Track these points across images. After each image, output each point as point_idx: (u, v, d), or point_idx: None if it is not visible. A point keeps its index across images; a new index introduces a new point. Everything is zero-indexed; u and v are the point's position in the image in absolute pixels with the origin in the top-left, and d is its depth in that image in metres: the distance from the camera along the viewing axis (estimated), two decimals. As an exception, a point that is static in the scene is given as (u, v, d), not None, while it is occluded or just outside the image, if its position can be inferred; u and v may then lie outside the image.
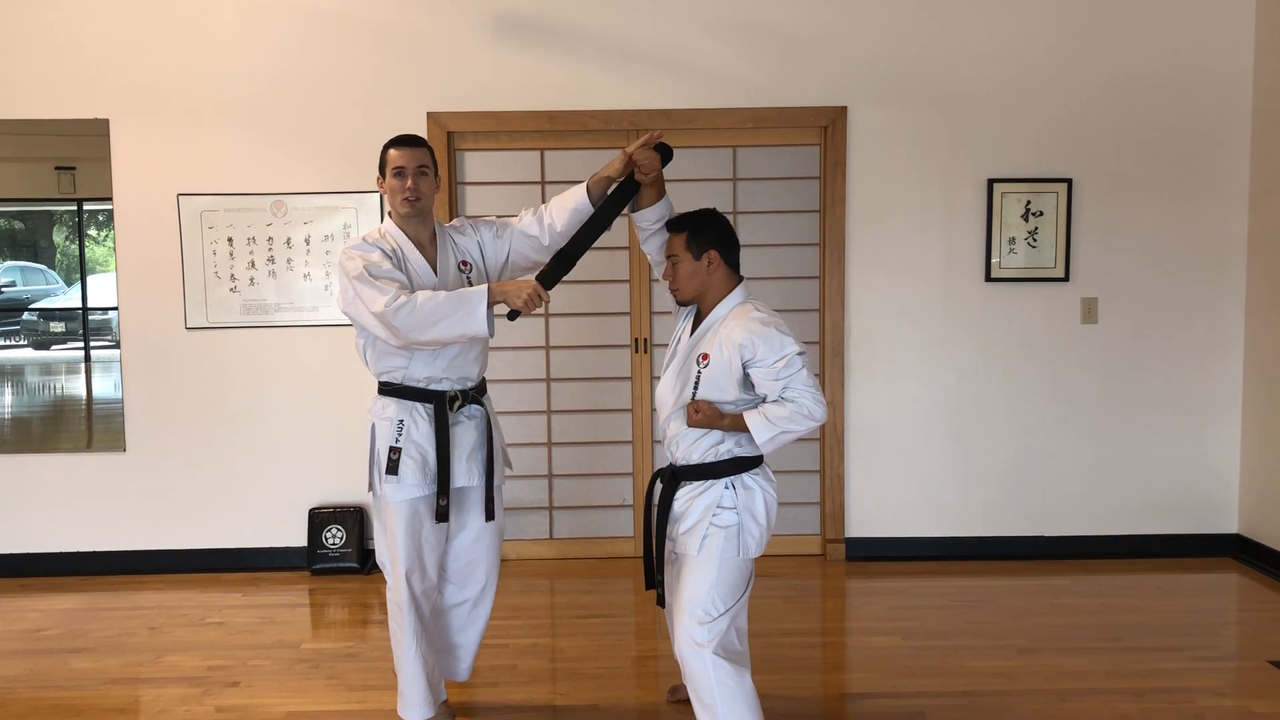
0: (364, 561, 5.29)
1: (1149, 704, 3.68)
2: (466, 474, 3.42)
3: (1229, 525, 5.46)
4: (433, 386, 3.36)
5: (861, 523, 5.44)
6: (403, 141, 3.36)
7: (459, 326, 3.14)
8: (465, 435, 3.42)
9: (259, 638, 4.44)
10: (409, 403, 3.35)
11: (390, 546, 3.38)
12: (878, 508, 5.43)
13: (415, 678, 3.42)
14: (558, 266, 3.34)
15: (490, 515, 3.50)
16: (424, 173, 3.34)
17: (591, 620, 4.62)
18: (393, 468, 3.30)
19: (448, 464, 3.34)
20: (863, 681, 3.95)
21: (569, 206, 3.44)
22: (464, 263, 3.45)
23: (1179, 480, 5.44)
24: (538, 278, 3.30)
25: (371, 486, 3.41)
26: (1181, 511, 5.46)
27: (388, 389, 3.38)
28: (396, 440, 3.31)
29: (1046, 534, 5.45)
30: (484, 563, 3.57)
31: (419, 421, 3.34)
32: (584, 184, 3.44)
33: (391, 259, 3.27)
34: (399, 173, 3.31)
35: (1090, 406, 5.40)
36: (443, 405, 3.35)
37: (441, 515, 3.36)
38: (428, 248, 3.39)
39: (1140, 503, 5.45)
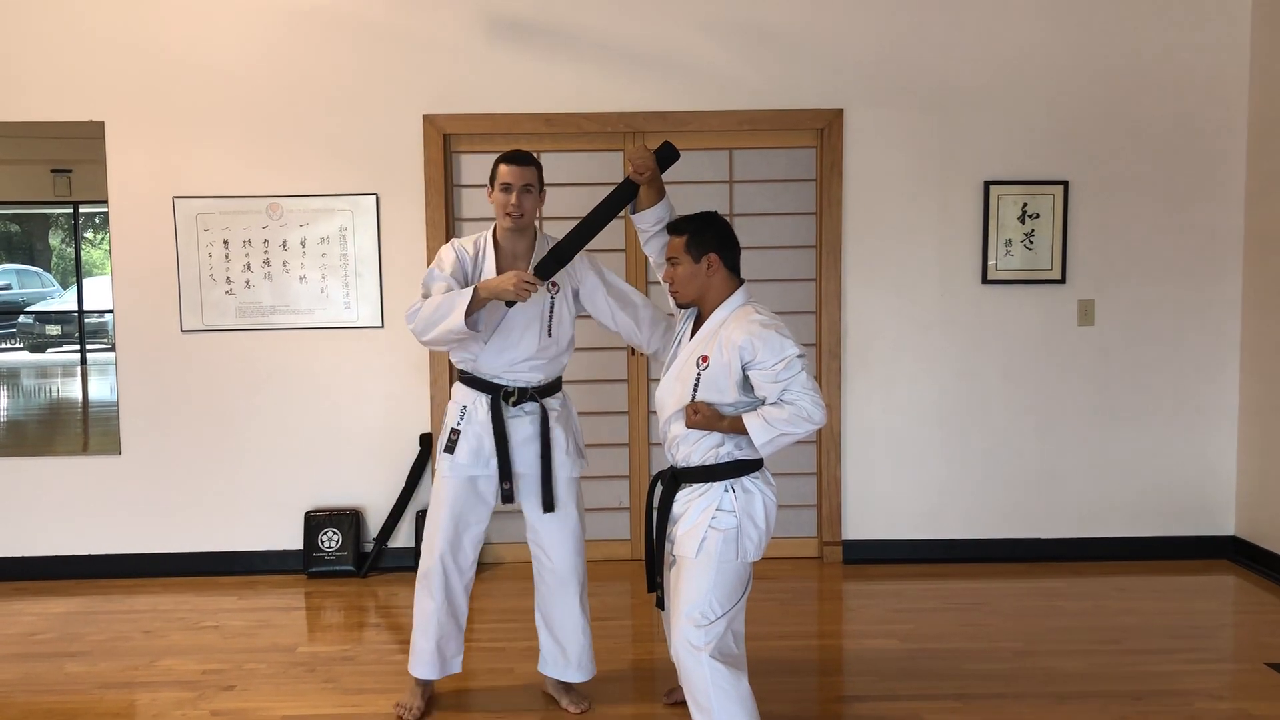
0: (360, 564, 5.28)
1: (1146, 706, 3.68)
2: (518, 462, 3.63)
3: (1225, 527, 5.47)
4: (495, 380, 3.61)
5: (858, 525, 5.43)
6: (513, 159, 3.55)
7: (448, 325, 3.38)
8: (520, 428, 3.62)
9: (254, 641, 4.43)
10: (475, 392, 3.63)
11: (434, 516, 3.63)
12: (874, 510, 5.43)
13: (426, 638, 3.64)
14: (550, 263, 3.47)
15: (548, 506, 3.64)
16: (529, 190, 3.53)
17: (588, 623, 4.60)
18: (450, 446, 3.59)
19: (507, 450, 3.58)
20: (859, 684, 3.94)
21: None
22: (553, 283, 3.62)
23: (1175, 482, 5.44)
24: (533, 270, 3.45)
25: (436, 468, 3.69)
26: (1178, 514, 5.46)
27: (463, 377, 3.68)
28: (458, 423, 3.60)
29: (1043, 536, 5.44)
30: (554, 550, 3.68)
31: (479, 409, 3.60)
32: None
33: (463, 262, 3.55)
34: (506, 188, 3.52)
35: (1087, 408, 5.41)
36: (497, 398, 3.58)
37: (506, 497, 3.62)
38: (517, 260, 3.61)
39: (1137, 505, 5.45)
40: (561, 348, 3.70)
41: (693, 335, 3.24)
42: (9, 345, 6.16)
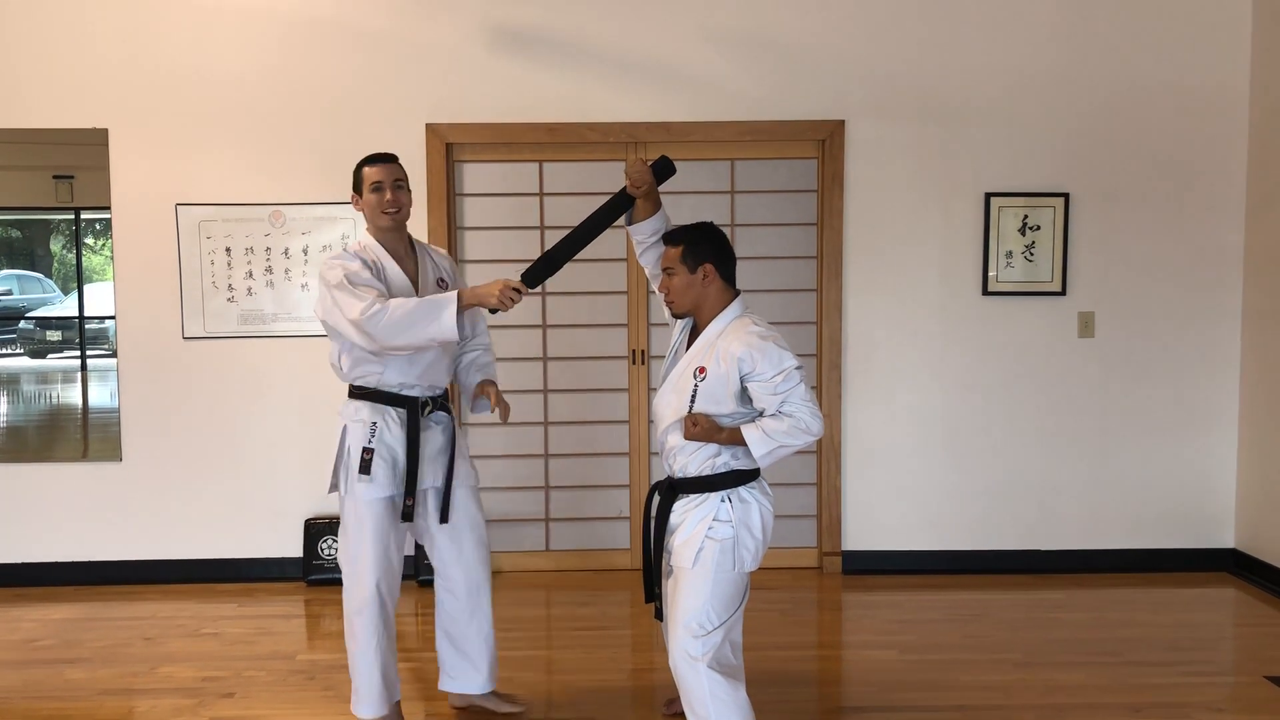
0: (360, 572, 5.28)
1: (1145, 719, 3.68)
2: (430, 475, 3.55)
3: (1225, 540, 5.46)
4: (405, 392, 3.50)
5: (858, 536, 5.43)
6: (377, 159, 3.51)
7: (429, 331, 3.27)
8: (431, 440, 3.55)
9: (254, 649, 4.43)
10: (382, 406, 3.48)
11: (357, 544, 3.46)
12: (874, 521, 5.43)
13: (370, 673, 3.49)
14: (541, 268, 3.45)
15: (443, 518, 3.55)
16: (400, 186, 3.49)
17: (587, 632, 4.61)
18: (365, 468, 3.43)
19: (416, 466, 3.47)
20: (858, 695, 3.94)
21: (480, 364, 3.73)
22: (441, 279, 3.63)
23: (1176, 494, 5.44)
24: (522, 276, 3.41)
25: (335, 487, 3.54)
26: (1178, 526, 5.45)
27: (361, 392, 3.51)
28: (369, 441, 3.44)
29: (1043, 548, 5.44)
30: (461, 564, 3.62)
31: (391, 424, 3.47)
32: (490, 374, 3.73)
33: (371, 270, 3.41)
34: (377, 188, 3.46)
35: (1087, 420, 5.41)
36: (415, 410, 3.49)
37: (407, 515, 3.48)
38: (405, 259, 3.55)
39: (1137, 517, 5.44)
40: (453, 346, 3.63)
41: (689, 346, 3.25)
42: (9, 351, 6.15)
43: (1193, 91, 5.31)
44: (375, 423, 3.46)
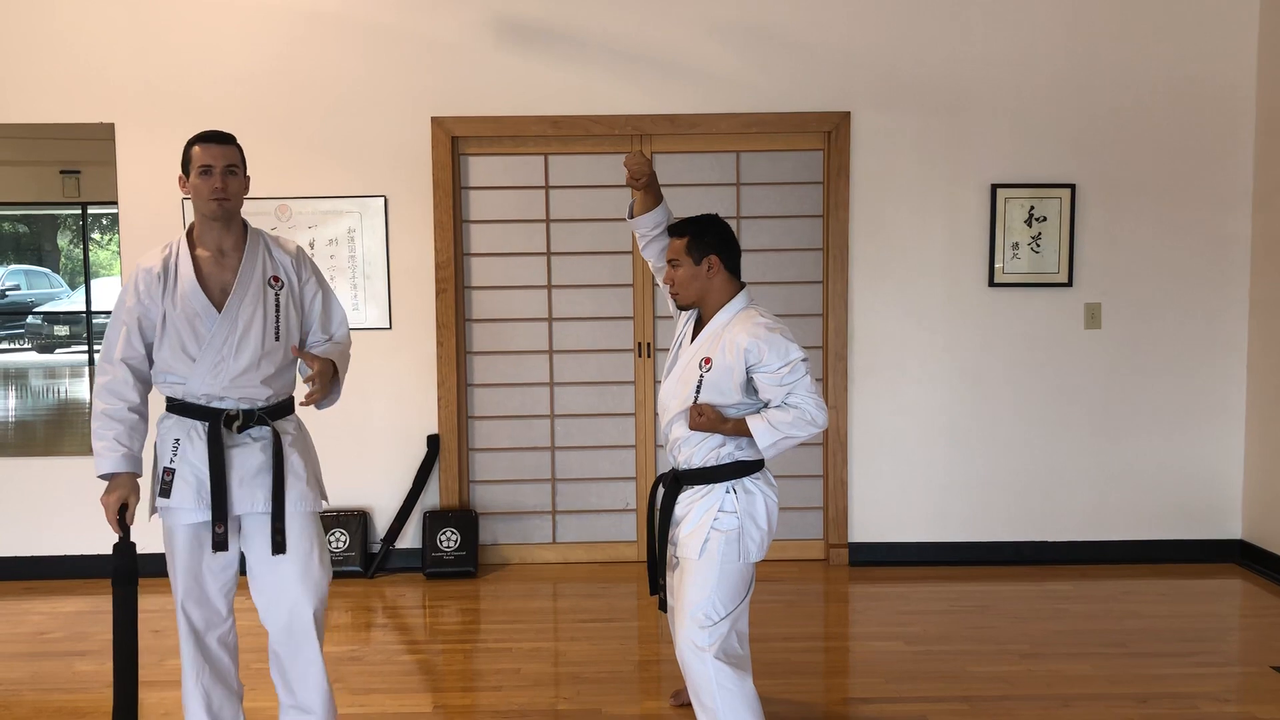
0: (368, 565, 5.30)
1: (1152, 710, 3.68)
2: (248, 500, 3.12)
3: (1233, 531, 5.46)
4: (213, 404, 3.11)
5: (864, 527, 5.44)
6: (209, 138, 3.10)
7: (94, 449, 3.14)
8: (247, 458, 3.12)
9: (262, 641, 4.37)
10: (189, 421, 3.12)
11: (171, 574, 3.19)
12: (880, 513, 5.43)
13: (195, 714, 3.17)
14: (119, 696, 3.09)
15: (278, 548, 3.10)
16: (233, 171, 3.09)
17: (594, 624, 4.62)
18: (165, 490, 3.11)
19: (224, 488, 3.08)
20: (865, 686, 3.95)
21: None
22: (275, 278, 3.18)
23: (1182, 486, 5.44)
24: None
25: (154, 510, 3.24)
26: (1185, 517, 5.45)
27: (171, 405, 3.18)
28: (171, 460, 3.10)
29: (1049, 539, 5.44)
30: (285, 603, 3.16)
31: (195, 441, 3.10)
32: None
33: (144, 298, 3.11)
34: (205, 171, 3.05)
35: (1093, 412, 5.40)
36: (217, 425, 3.09)
37: (219, 544, 3.11)
38: (226, 258, 3.14)
39: (1143, 508, 5.44)
40: (278, 355, 3.18)
41: (694, 337, 3.25)
42: (17, 345, 6.17)
43: (1200, 82, 5.29)
44: (178, 439, 3.10)
